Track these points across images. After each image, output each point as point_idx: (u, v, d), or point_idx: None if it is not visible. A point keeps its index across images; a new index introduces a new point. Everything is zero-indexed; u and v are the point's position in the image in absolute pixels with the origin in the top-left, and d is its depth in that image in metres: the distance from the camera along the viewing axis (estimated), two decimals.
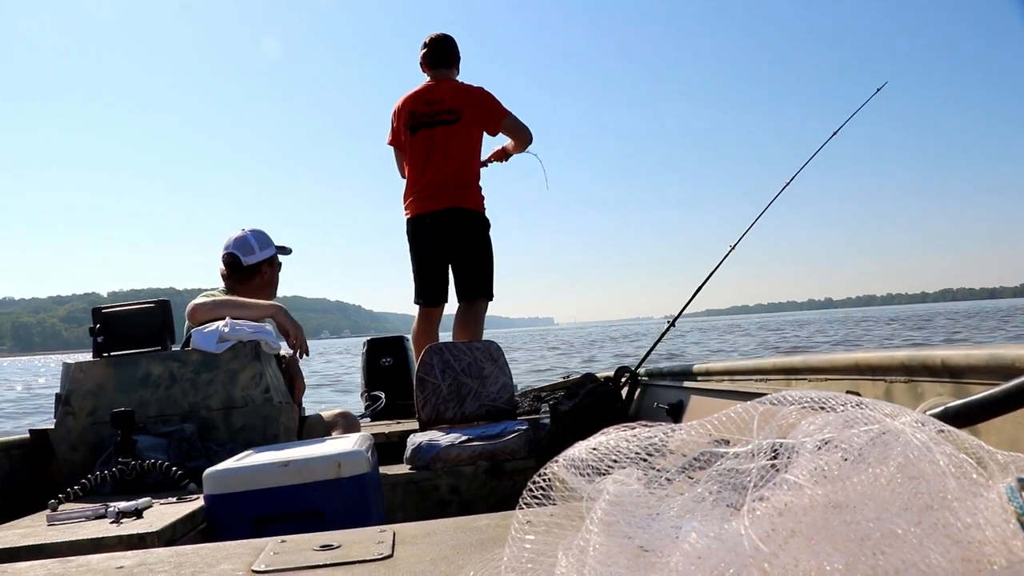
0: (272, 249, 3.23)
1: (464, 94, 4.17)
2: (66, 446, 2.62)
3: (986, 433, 1.29)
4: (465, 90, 4.20)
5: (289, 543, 1.20)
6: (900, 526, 0.57)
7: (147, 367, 2.71)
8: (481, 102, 4.17)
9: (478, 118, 4.14)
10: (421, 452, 3.03)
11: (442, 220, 4.13)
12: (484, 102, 4.17)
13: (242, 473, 1.95)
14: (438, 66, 4.30)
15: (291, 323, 2.93)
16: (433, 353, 3.58)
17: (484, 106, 4.16)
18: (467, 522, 1.27)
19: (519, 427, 3.15)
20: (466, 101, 4.14)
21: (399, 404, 4.34)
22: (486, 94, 4.20)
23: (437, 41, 4.32)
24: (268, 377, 2.74)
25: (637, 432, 0.77)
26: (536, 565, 0.74)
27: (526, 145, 4.33)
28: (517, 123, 4.24)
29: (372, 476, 2.13)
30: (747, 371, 2.53)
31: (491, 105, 4.17)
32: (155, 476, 2.30)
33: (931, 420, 0.69)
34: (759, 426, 0.72)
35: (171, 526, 1.75)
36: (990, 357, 1.37)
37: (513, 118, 4.22)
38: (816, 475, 0.63)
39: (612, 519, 0.68)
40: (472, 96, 4.17)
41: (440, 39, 4.33)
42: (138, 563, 1.16)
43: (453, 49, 4.34)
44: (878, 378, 1.76)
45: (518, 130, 4.25)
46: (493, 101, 4.18)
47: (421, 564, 1.06)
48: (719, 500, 0.68)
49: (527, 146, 4.34)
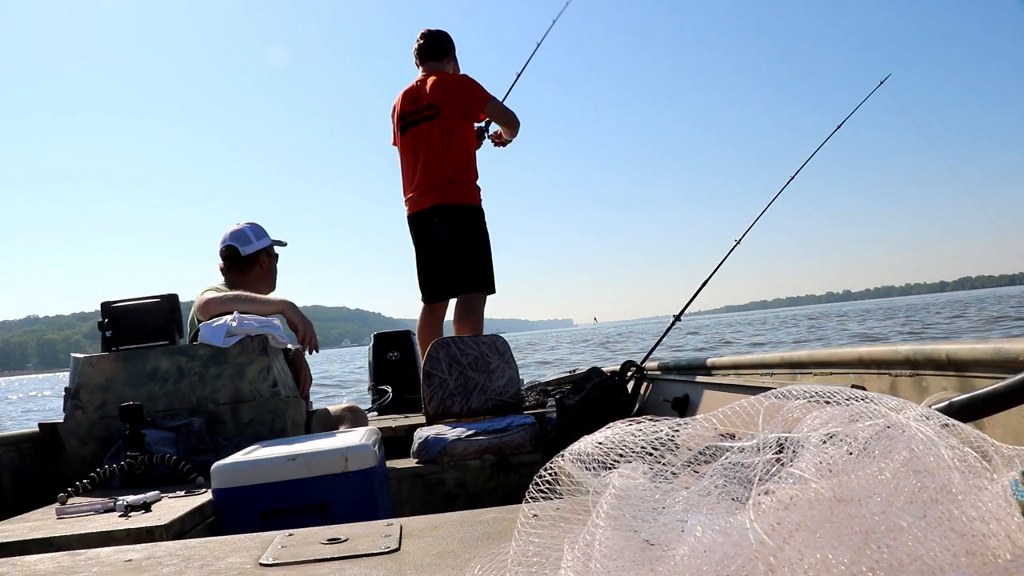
0: (268, 239, 3.26)
1: (443, 86, 4.15)
2: (75, 440, 2.63)
3: (991, 427, 1.29)
4: (445, 81, 4.17)
5: (296, 536, 1.21)
6: (905, 520, 0.57)
7: (155, 361, 2.72)
8: (460, 90, 4.14)
9: (459, 107, 4.12)
10: (428, 446, 3.04)
11: (435, 216, 4.14)
12: (463, 89, 4.14)
13: (250, 467, 1.95)
14: (427, 59, 4.30)
15: (300, 318, 2.95)
16: (440, 347, 3.59)
17: (463, 93, 4.13)
18: (473, 516, 1.28)
19: (525, 421, 3.16)
20: (445, 93, 4.12)
21: (406, 398, 4.35)
22: (465, 81, 4.17)
23: (427, 35, 4.33)
24: (276, 371, 2.75)
25: (643, 426, 0.77)
26: (542, 559, 0.74)
27: (514, 130, 4.29)
28: (501, 107, 4.21)
29: (379, 470, 2.14)
30: (752, 365, 2.53)
31: (471, 90, 4.14)
32: (163, 470, 2.31)
33: (936, 414, 0.69)
34: (764, 420, 0.72)
35: (179, 519, 1.76)
36: (995, 351, 1.36)
37: (497, 103, 4.19)
38: (821, 469, 0.63)
39: (618, 513, 0.69)
40: (450, 85, 4.16)
41: (430, 33, 4.34)
42: (146, 556, 1.17)
43: (443, 42, 4.33)
44: (883, 372, 1.76)
45: (503, 114, 4.22)
46: (473, 86, 4.15)
47: (428, 557, 1.06)
48: (725, 494, 0.68)
49: (515, 131, 4.29)
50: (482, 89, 4.16)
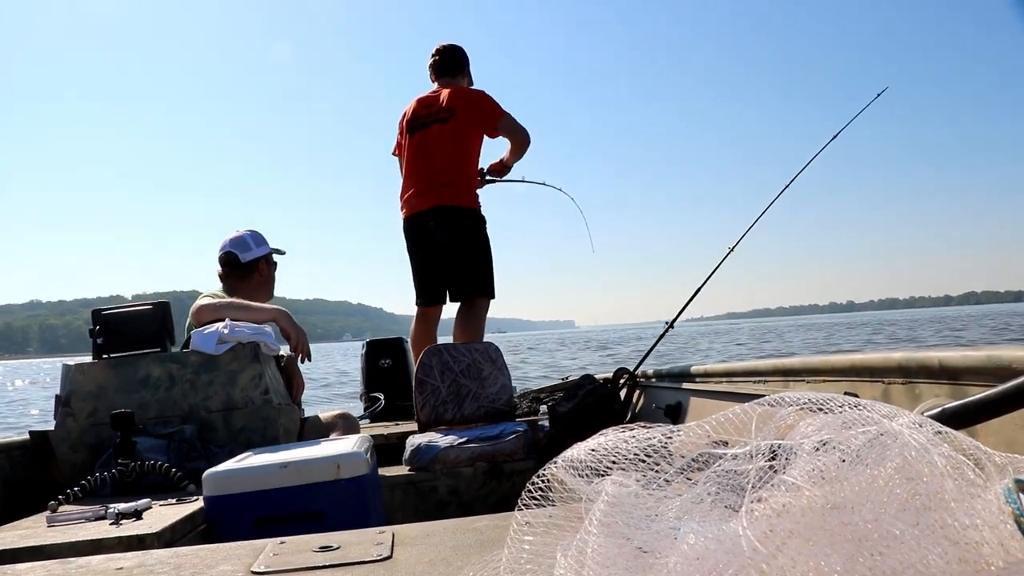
0: (268, 247, 3.26)
1: (461, 95, 4.19)
2: (66, 447, 2.62)
3: (984, 434, 1.29)
4: (463, 92, 4.22)
5: (288, 544, 1.20)
6: (898, 527, 0.57)
7: (147, 369, 2.71)
8: (477, 102, 4.18)
9: (474, 119, 4.15)
10: (420, 453, 3.03)
11: (434, 218, 4.13)
12: (480, 103, 4.18)
13: (242, 474, 1.95)
14: (443, 75, 4.33)
15: (294, 327, 2.94)
16: (432, 355, 3.58)
17: (480, 107, 4.17)
18: (466, 523, 1.27)
19: (518, 428, 3.15)
20: (461, 101, 4.15)
21: (398, 405, 4.33)
22: (483, 95, 4.21)
23: (443, 51, 4.36)
24: (267, 378, 2.74)
25: (636, 433, 0.77)
26: (535, 566, 0.74)
27: (523, 147, 4.32)
28: (515, 124, 4.24)
29: (371, 477, 2.13)
30: (745, 372, 2.54)
31: (487, 105, 4.18)
32: (155, 477, 2.30)
33: (929, 421, 0.69)
34: (757, 427, 0.72)
35: (171, 527, 1.75)
36: (987, 358, 1.37)
37: (511, 119, 4.22)
38: (814, 476, 0.63)
39: (611, 520, 0.68)
40: (468, 97, 4.19)
41: (446, 49, 4.37)
42: (138, 564, 1.16)
43: (459, 58, 4.36)
44: (876, 379, 1.76)
45: (516, 131, 4.25)
46: (490, 102, 4.19)
47: (420, 565, 1.06)
48: (717, 501, 0.68)
49: (524, 149, 4.33)
50: (498, 105, 4.19)
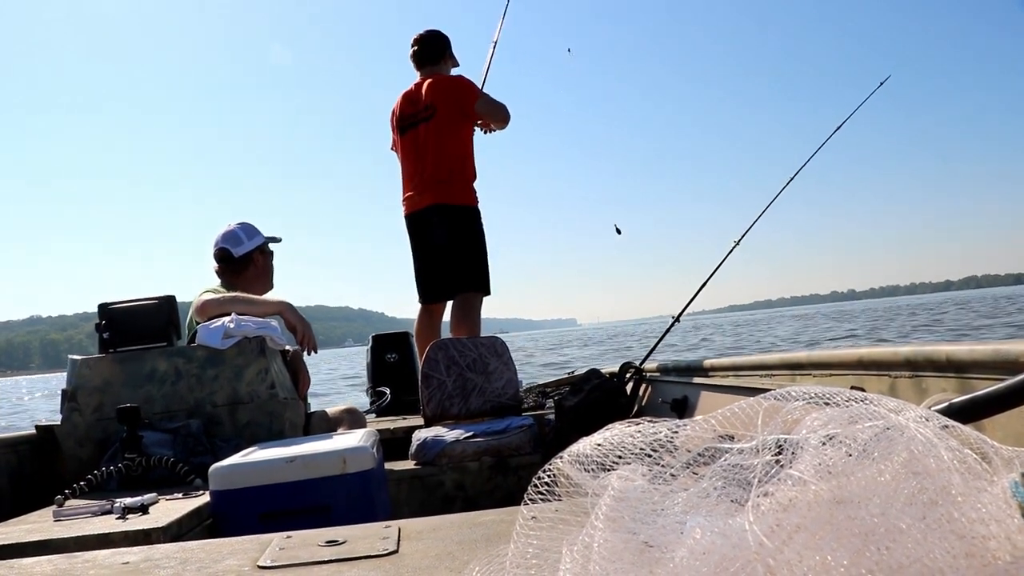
0: (261, 238, 3.24)
1: (439, 87, 4.21)
2: (72, 442, 2.63)
3: (991, 428, 1.29)
4: (441, 83, 4.23)
5: (294, 538, 1.21)
6: (904, 521, 0.57)
7: (153, 363, 2.72)
8: (452, 89, 4.20)
9: (455, 108, 4.16)
10: (426, 448, 3.04)
11: (433, 216, 4.17)
12: (455, 88, 4.20)
13: (248, 469, 1.95)
14: (424, 64, 4.35)
15: (299, 319, 2.94)
16: (438, 349, 3.59)
17: (456, 92, 4.19)
18: (472, 518, 1.27)
19: (524, 423, 3.16)
20: (440, 94, 4.17)
21: (404, 400, 4.35)
22: (457, 80, 4.24)
23: (422, 39, 4.37)
24: (273, 373, 2.75)
25: (642, 428, 0.77)
26: (541, 561, 0.74)
27: (504, 123, 4.35)
28: (491, 103, 4.26)
29: (378, 472, 2.14)
30: (751, 367, 2.53)
31: (463, 89, 4.20)
32: (161, 472, 2.31)
33: (935, 415, 0.69)
34: (764, 422, 0.72)
35: (177, 522, 1.76)
36: (995, 352, 1.36)
37: (487, 98, 4.25)
38: (820, 471, 0.63)
39: (617, 515, 0.68)
40: (444, 86, 4.21)
41: (425, 36, 4.38)
42: (144, 559, 1.16)
43: (437, 44, 4.37)
44: (883, 373, 1.76)
45: (494, 109, 4.27)
46: (465, 84, 4.21)
47: (426, 559, 1.06)
48: (724, 496, 0.68)
49: (505, 124, 4.35)
50: (473, 86, 4.23)
